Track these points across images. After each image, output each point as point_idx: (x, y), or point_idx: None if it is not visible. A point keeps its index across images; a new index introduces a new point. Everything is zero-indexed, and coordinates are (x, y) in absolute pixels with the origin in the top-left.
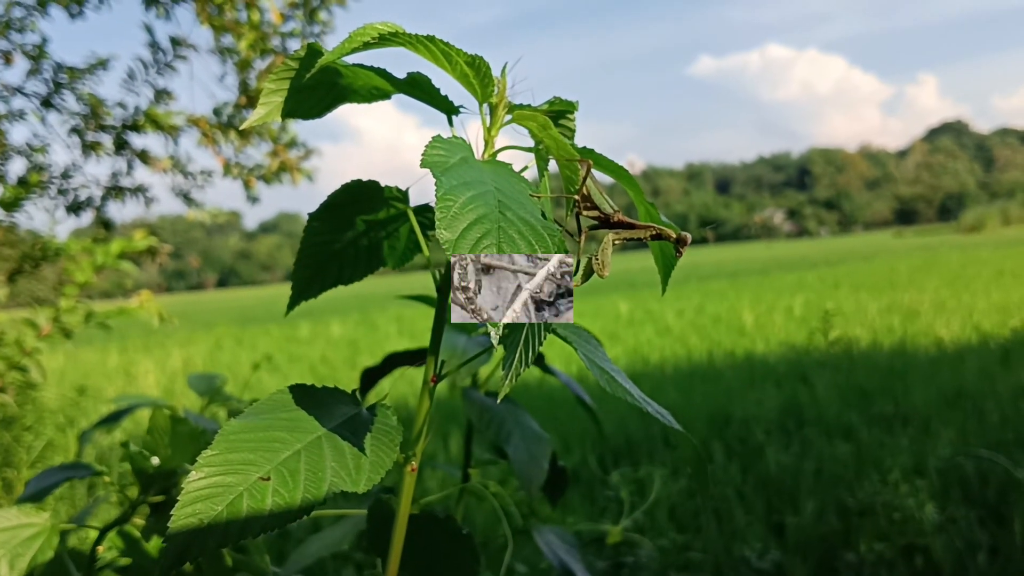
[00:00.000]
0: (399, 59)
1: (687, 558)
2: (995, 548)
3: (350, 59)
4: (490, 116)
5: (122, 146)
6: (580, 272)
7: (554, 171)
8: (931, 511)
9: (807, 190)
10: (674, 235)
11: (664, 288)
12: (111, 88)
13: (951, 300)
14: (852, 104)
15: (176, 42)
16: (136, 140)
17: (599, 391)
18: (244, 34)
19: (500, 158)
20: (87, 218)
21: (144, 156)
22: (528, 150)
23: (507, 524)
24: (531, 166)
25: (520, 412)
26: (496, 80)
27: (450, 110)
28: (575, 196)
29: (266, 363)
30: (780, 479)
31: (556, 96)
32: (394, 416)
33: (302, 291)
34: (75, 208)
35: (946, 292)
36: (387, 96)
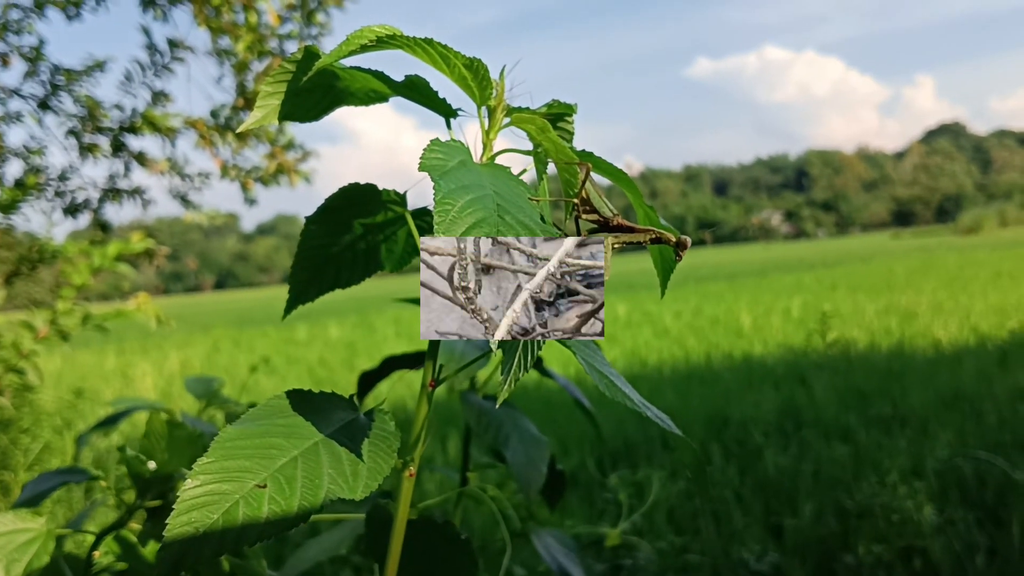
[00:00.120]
0: (396, 61)
1: (685, 560)
2: (993, 550)
3: (347, 61)
4: (488, 119)
5: (119, 148)
6: None
7: (552, 173)
8: (929, 513)
9: (805, 192)
10: (674, 239)
11: (663, 291)
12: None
13: (949, 302)
14: (849, 106)
15: (173, 44)
16: (133, 142)
17: (597, 393)
18: (241, 36)
19: (499, 161)
20: (84, 220)
21: (141, 158)
22: (527, 153)
23: (505, 528)
24: (530, 169)
25: (518, 415)
26: (494, 83)
27: (448, 113)
28: (574, 199)
29: (264, 365)
30: (778, 481)
31: (554, 99)
32: (392, 421)
33: (299, 295)
34: (72, 210)
35: (944, 294)
36: (385, 99)
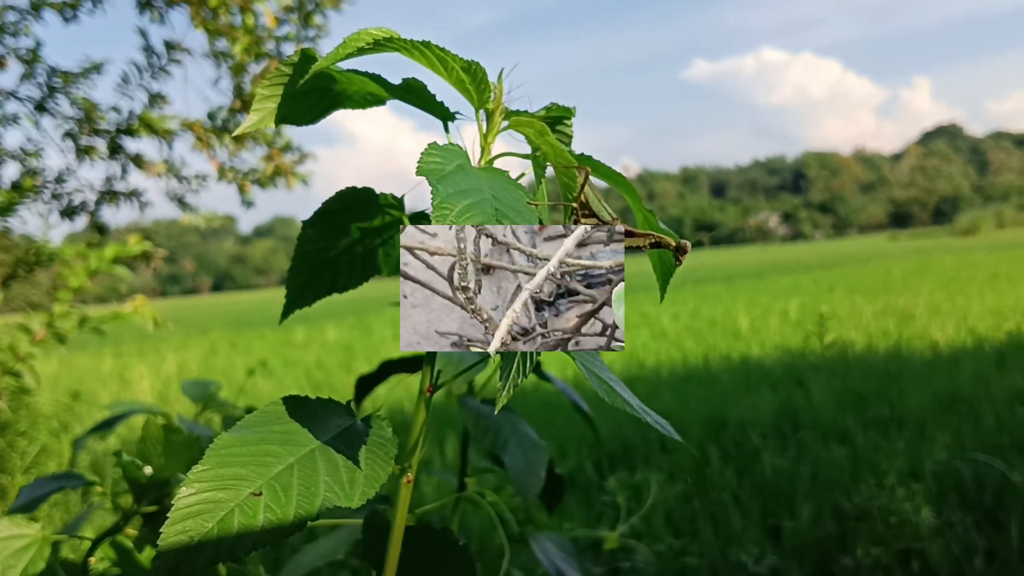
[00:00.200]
0: (394, 64)
1: (684, 563)
2: (991, 552)
3: (344, 64)
4: (487, 122)
5: (116, 150)
6: None
7: (551, 177)
8: (927, 515)
9: (802, 193)
10: (673, 243)
11: (663, 296)
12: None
13: (946, 303)
14: (846, 108)
15: (170, 46)
16: (130, 144)
17: (595, 395)
18: (239, 38)
19: (497, 165)
20: (81, 222)
21: (138, 160)
22: (525, 157)
23: (503, 532)
24: (528, 173)
25: (517, 419)
26: (492, 86)
27: (446, 116)
28: (573, 203)
29: (261, 368)
30: (776, 483)
31: (553, 102)
32: (389, 428)
33: (296, 299)
34: (69, 212)
35: (941, 295)
36: (382, 102)
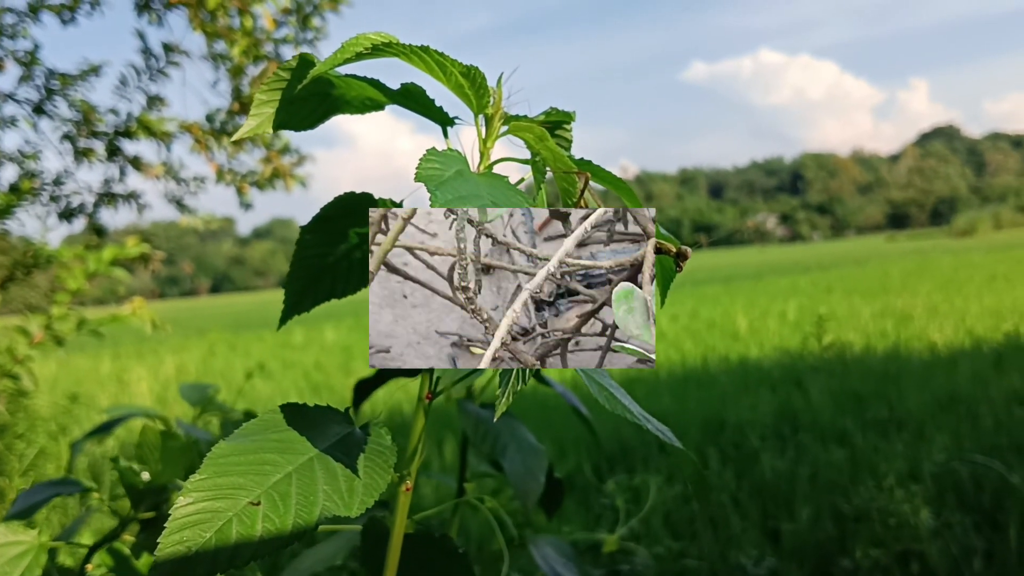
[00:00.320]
0: (392, 68)
1: (683, 565)
2: (990, 553)
3: (343, 69)
4: (486, 127)
5: (114, 152)
6: None
7: (551, 181)
8: (926, 516)
9: (800, 195)
10: (674, 249)
11: (662, 302)
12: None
13: (944, 304)
14: (844, 109)
15: (169, 48)
16: (128, 146)
17: (594, 398)
18: (237, 40)
19: (496, 170)
20: (79, 225)
21: (137, 162)
22: (525, 162)
23: (502, 537)
24: (528, 177)
25: (516, 424)
26: (492, 91)
27: (445, 121)
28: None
29: (259, 370)
30: (775, 485)
31: (553, 107)
32: (388, 435)
33: (295, 305)
34: (67, 215)
35: (939, 296)
36: (380, 107)
